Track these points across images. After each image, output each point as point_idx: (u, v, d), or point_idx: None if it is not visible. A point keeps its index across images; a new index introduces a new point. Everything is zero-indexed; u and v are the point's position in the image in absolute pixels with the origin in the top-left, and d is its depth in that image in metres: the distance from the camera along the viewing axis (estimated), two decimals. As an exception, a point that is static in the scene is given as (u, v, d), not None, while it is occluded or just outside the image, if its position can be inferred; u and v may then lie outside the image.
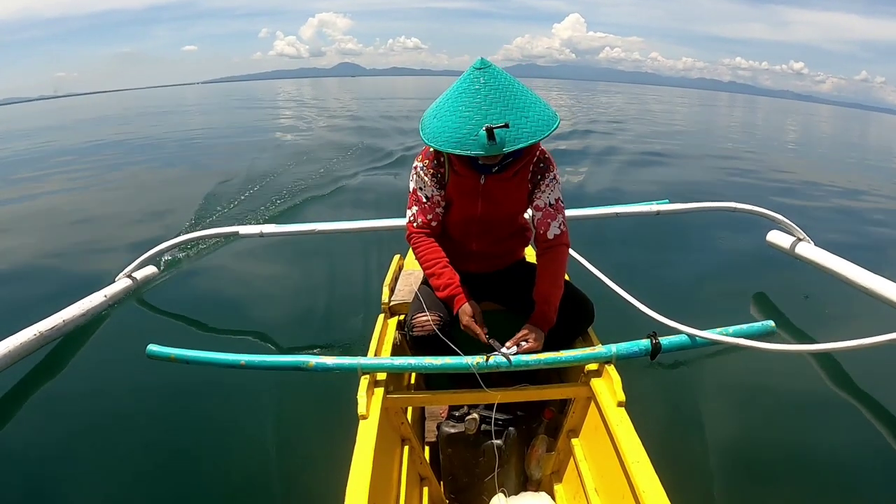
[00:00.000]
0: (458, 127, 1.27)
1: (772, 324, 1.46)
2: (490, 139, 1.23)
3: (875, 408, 2.12)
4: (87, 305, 2.69)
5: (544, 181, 1.47)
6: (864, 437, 1.98)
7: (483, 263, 1.61)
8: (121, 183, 7.05)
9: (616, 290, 1.74)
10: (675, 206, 3.31)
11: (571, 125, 13.06)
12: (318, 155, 8.14)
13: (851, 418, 2.09)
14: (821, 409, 2.17)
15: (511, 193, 1.48)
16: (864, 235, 4.76)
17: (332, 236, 3.36)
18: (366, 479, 1.03)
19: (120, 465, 1.82)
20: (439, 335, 1.39)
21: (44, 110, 34.15)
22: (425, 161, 1.49)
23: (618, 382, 1.27)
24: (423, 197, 1.50)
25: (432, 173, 1.48)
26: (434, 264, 1.48)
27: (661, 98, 42.93)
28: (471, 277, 1.57)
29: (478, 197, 1.48)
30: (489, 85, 1.28)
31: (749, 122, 22.30)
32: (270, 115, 18.67)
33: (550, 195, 1.48)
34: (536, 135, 1.28)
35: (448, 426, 1.46)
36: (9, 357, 2.20)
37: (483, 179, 1.45)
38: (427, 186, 1.49)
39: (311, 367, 1.32)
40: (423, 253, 1.50)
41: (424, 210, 1.50)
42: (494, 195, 1.48)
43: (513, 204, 1.51)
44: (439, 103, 1.35)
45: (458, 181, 1.48)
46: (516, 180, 1.47)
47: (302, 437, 1.92)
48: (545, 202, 1.48)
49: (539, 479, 1.52)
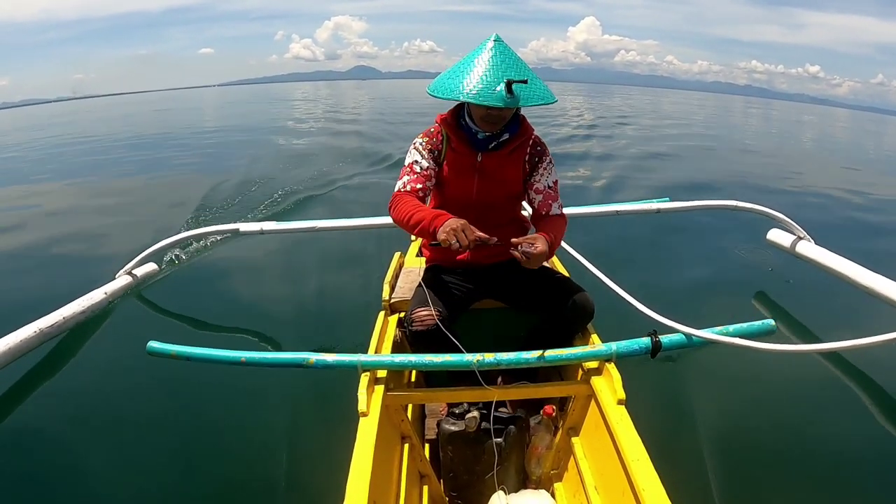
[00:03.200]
0: (478, 81, 1.36)
1: (772, 323, 1.46)
2: (509, 93, 1.32)
3: (875, 407, 2.12)
4: (87, 302, 2.69)
5: (542, 164, 1.55)
6: (864, 436, 1.98)
7: (482, 252, 1.59)
8: (122, 181, 7.06)
9: (616, 291, 1.74)
10: (675, 205, 3.31)
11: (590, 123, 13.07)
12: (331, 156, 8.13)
13: (852, 417, 2.09)
14: (821, 408, 2.17)
15: (507, 172, 1.53)
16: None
17: (332, 234, 3.37)
18: (366, 476, 1.03)
19: (120, 461, 1.82)
20: (440, 327, 1.38)
21: (62, 112, 34.08)
22: (425, 139, 1.55)
23: (618, 380, 1.27)
24: (418, 168, 1.53)
25: (430, 149, 1.54)
26: (415, 209, 1.43)
27: (677, 100, 42.77)
28: (470, 270, 1.60)
29: (474, 174, 1.52)
30: (505, 53, 1.40)
31: (764, 126, 22.03)
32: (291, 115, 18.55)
33: (548, 178, 1.56)
34: (546, 98, 1.40)
35: (448, 424, 1.46)
36: (9, 354, 2.20)
37: (479, 157, 1.51)
38: (423, 160, 1.54)
39: (311, 364, 1.32)
40: (404, 205, 1.46)
41: (414, 179, 1.52)
42: (490, 173, 1.52)
43: (508, 184, 1.55)
44: (454, 67, 1.44)
45: (455, 158, 1.53)
46: (512, 159, 1.53)
47: (302, 435, 1.92)
48: (544, 185, 1.55)
49: (539, 476, 1.52)
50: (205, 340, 2.56)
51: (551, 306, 1.54)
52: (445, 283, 1.58)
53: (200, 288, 3.30)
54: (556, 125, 13.13)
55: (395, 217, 1.50)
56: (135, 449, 1.89)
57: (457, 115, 1.55)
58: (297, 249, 3.85)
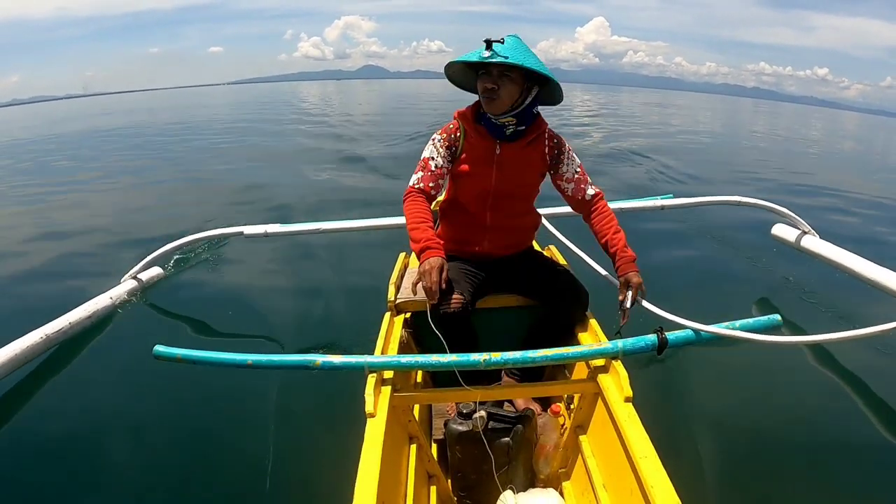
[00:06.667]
0: (467, 56, 1.48)
1: (778, 317, 1.45)
2: (488, 49, 1.41)
3: (883, 398, 2.11)
4: (92, 307, 2.70)
5: (563, 155, 1.64)
6: (872, 428, 1.97)
7: (497, 241, 1.68)
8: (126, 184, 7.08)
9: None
10: (679, 201, 3.30)
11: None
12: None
13: (860, 410, 2.08)
14: (829, 402, 2.16)
15: (525, 164, 1.60)
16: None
17: (337, 235, 3.37)
18: (374, 477, 1.03)
19: (127, 465, 1.83)
20: (468, 310, 1.48)
21: (68, 110, 34.00)
22: (444, 134, 1.61)
23: (625, 378, 1.27)
24: (433, 165, 1.59)
25: (447, 146, 1.60)
26: (420, 222, 1.53)
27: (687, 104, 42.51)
28: (485, 262, 1.67)
29: (492, 165, 1.58)
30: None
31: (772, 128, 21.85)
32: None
33: (573, 165, 1.65)
34: (528, 62, 1.42)
35: (456, 423, 1.46)
36: (16, 360, 2.21)
37: (498, 149, 1.57)
38: (438, 156, 1.59)
39: (317, 366, 1.32)
40: (414, 210, 1.56)
41: (428, 177, 1.59)
42: (508, 163, 1.58)
43: (526, 175, 1.62)
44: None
45: (473, 150, 1.59)
46: (529, 151, 1.60)
47: (310, 436, 1.92)
48: (572, 172, 1.65)
49: (547, 475, 1.52)
50: (211, 343, 2.58)
51: (551, 294, 1.62)
52: (460, 271, 1.62)
53: (206, 291, 3.30)
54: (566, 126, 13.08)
55: (405, 212, 1.58)
56: (142, 452, 1.89)
57: (476, 109, 1.61)
58: (302, 251, 3.86)
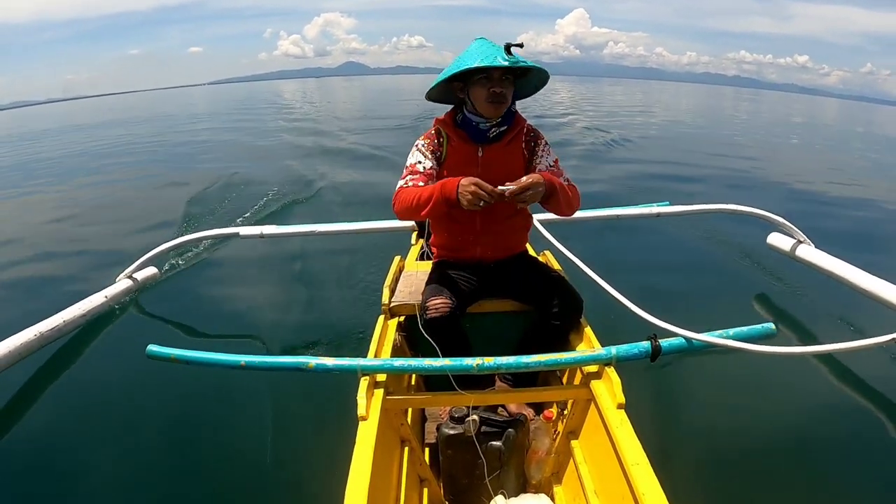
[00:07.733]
0: (478, 56, 1.46)
1: (772, 326, 1.46)
2: (508, 53, 1.42)
3: (876, 409, 2.12)
4: (87, 306, 2.69)
5: (539, 147, 1.62)
6: (865, 439, 1.98)
7: (489, 247, 1.67)
8: (121, 184, 7.07)
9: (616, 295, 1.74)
10: (675, 209, 3.31)
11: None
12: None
13: (852, 420, 2.09)
14: (821, 411, 2.16)
15: (508, 163, 1.60)
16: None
17: (332, 237, 3.37)
18: (365, 480, 1.02)
19: (120, 465, 1.82)
20: (454, 315, 1.46)
21: (50, 114, 34.09)
22: (426, 140, 1.61)
23: (618, 384, 1.27)
24: (421, 168, 1.58)
25: (431, 150, 1.60)
26: (420, 190, 1.49)
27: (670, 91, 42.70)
28: (479, 268, 1.66)
29: (477, 168, 1.57)
30: (492, 42, 1.52)
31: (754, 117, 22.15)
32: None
33: (548, 159, 1.62)
34: (539, 66, 1.48)
35: (448, 427, 1.46)
36: (9, 357, 2.20)
37: (481, 152, 1.58)
38: (426, 160, 1.59)
39: (310, 368, 1.32)
40: (407, 193, 1.51)
41: (416, 178, 1.56)
42: (492, 165, 1.58)
43: (511, 174, 1.57)
44: (451, 64, 1.53)
45: (457, 154, 1.59)
46: (510, 149, 1.60)
47: (301, 439, 1.92)
48: (545, 165, 1.61)
49: (539, 480, 1.52)
50: (205, 344, 2.57)
51: (545, 299, 1.60)
52: (453, 278, 1.63)
53: (201, 291, 3.30)
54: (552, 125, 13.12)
55: (400, 206, 1.54)
56: (134, 452, 1.89)
57: (454, 115, 1.62)
58: (297, 253, 3.85)
